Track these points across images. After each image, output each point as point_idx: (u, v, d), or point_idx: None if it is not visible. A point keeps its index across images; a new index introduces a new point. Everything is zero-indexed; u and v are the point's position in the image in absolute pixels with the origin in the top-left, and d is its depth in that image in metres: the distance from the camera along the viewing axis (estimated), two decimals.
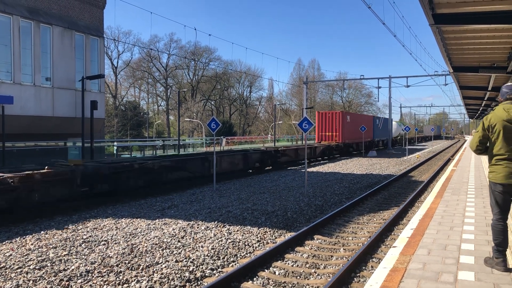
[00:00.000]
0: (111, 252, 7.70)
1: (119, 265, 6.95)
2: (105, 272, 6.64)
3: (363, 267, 7.09)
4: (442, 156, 38.05)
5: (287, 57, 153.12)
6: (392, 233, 9.38)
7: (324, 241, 8.81)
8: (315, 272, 6.82)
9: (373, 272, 5.72)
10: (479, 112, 56.05)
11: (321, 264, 7.26)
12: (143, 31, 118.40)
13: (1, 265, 6.91)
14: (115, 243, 8.27)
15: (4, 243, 8.32)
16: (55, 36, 20.23)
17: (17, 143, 19.64)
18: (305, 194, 14.22)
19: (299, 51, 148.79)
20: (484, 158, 23.31)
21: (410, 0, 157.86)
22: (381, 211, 12.05)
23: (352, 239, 9.02)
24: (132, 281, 6.31)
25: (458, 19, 10.95)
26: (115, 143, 34.74)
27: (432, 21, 10.83)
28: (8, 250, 7.79)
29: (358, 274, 6.76)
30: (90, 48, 22.27)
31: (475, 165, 19.46)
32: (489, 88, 24.21)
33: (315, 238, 8.95)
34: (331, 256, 7.76)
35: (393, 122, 55.04)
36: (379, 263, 6.49)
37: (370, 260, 7.49)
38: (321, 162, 29.77)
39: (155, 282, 6.28)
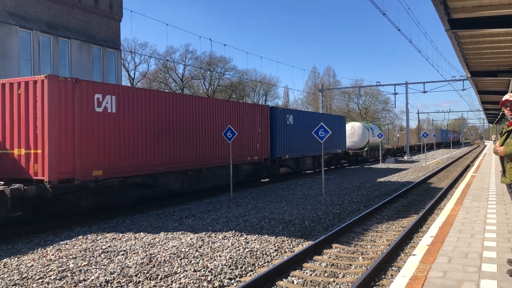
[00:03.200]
0: (130, 262, 7.76)
1: (138, 275, 7.00)
2: (124, 282, 6.69)
3: (383, 276, 7.01)
4: (461, 162, 37.49)
5: (302, 65, 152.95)
6: (412, 241, 9.25)
7: (343, 249, 8.73)
8: (334, 281, 6.77)
9: (392, 281, 5.64)
10: (498, 116, 55.13)
11: (339, 273, 7.20)
12: (159, 43, 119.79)
13: (23, 275, 7.02)
14: (134, 253, 8.33)
15: (26, 253, 8.46)
16: (73, 50, 20.63)
17: None
18: (322, 203, 14.13)
19: (314, 59, 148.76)
20: None
21: (425, 6, 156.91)
22: (400, 219, 11.90)
23: (371, 248, 8.93)
24: None
25: (474, 24, 10.85)
26: None
27: (448, 26, 10.75)
28: (30, 261, 7.92)
29: (378, 283, 6.68)
30: (108, 60, 22.64)
31: (496, 171, 19.11)
32: (509, 92, 23.83)
33: (333, 247, 8.88)
34: (350, 265, 7.69)
35: (351, 124, 36.17)
36: (398, 272, 6.40)
37: (390, 268, 7.40)
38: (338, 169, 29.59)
39: None
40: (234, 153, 16.74)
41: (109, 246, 8.89)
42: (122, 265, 7.57)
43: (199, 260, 7.81)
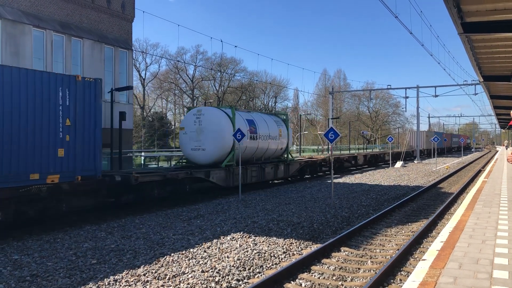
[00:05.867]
0: (138, 261, 7.78)
1: (146, 275, 7.02)
2: (132, 281, 6.71)
3: (391, 280, 6.95)
4: (473, 167, 37.14)
5: (313, 67, 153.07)
6: (421, 246, 9.17)
7: (351, 253, 8.68)
8: (342, 285, 6.73)
9: (401, 286, 5.60)
10: (511, 121, 54.48)
11: (348, 277, 7.16)
12: (170, 43, 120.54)
13: (33, 273, 7.07)
14: (142, 253, 8.36)
15: (35, 251, 8.52)
16: (85, 49, 20.78)
17: None
18: (331, 206, 14.07)
19: (324, 61, 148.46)
20: None
21: (438, 9, 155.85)
22: (409, 223, 11.81)
23: (380, 252, 8.87)
24: None
25: (488, 28, 10.75)
26: (143, 153, 35.22)
27: (461, 30, 10.66)
28: (40, 258, 7.97)
29: None
30: (119, 60, 22.77)
31: (508, 177, 18.90)
32: None
33: (342, 250, 8.84)
34: (358, 268, 7.64)
35: (196, 111, 17.62)
36: (408, 276, 6.35)
37: (399, 273, 7.34)
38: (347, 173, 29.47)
39: None
40: None
41: (118, 245, 8.93)
42: (130, 264, 7.60)
43: (207, 261, 7.81)
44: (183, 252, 8.38)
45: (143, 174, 13.48)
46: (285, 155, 21.97)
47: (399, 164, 36.28)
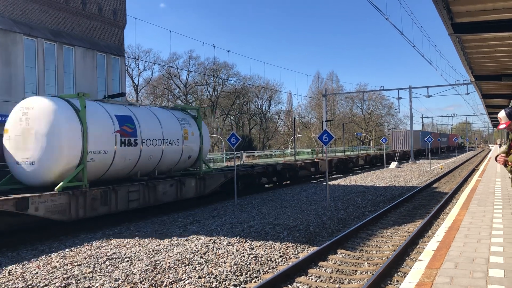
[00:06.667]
0: (134, 269, 7.74)
1: (143, 282, 6.98)
2: None
3: (389, 282, 6.96)
4: (466, 166, 37.33)
5: (306, 70, 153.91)
6: (417, 246, 9.20)
7: (348, 255, 8.69)
8: (340, 287, 6.73)
9: (398, 287, 5.60)
10: None
11: (345, 279, 7.16)
12: (162, 49, 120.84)
13: (28, 283, 7.02)
14: (139, 260, 8.32)
15: (30, 261, 8.46)
16: (77, 57, 20.73)
17: None
18: (327, 208, 14.08)
19: (317, 64, 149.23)
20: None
21: (429, 10, 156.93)
22: (405, 224, 11.84)
23: (376, 253, 8.88)
24: None
25: (478, 28, 10.84)
26: None
27: (451, 31, 10.75)
28: (35, 268, 7.92)
29: None
30: (112, 67, 22.72)
31: (502, 176, 19.00)
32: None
33: (339, 253, 8.84)
34: (355, 270, 7.65)
35: (24, 105, 11.57)
36: (404, 277, 6.35)
37: (396, 274, 7.35)
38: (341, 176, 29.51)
39: None
40: None
41: (113, 253, 8.88)
42: (127, 272, 7.56)
43: (204, 267, 7.79)
44: (180, 258, 8.35)
45: None
46: (198, 166, 16.25)
47: (393, 165, 36.42)
